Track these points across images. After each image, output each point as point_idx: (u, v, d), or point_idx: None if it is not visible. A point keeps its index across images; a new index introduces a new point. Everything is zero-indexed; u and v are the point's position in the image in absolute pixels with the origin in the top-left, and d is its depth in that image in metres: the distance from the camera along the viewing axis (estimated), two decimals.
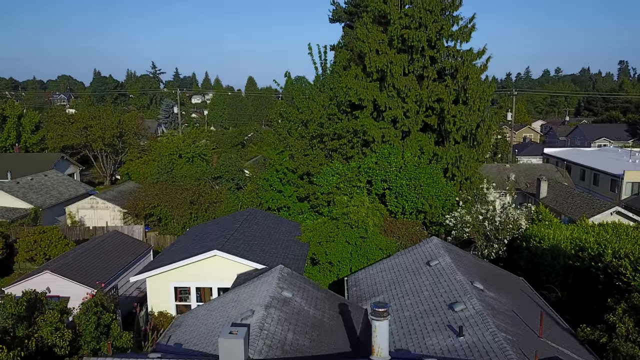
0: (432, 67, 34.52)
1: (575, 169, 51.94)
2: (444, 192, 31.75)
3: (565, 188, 41.25)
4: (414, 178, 31.24)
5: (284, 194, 33.23)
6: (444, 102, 33.62)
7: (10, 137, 58.38)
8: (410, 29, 33.71)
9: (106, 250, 24.95)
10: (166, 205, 34.64)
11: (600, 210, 34.95)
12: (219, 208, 34.61)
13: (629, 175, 43.22)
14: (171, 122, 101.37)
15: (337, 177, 32.81)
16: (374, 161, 32.47)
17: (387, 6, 34.26)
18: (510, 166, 48.97)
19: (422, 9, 33.55)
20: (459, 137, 34.41)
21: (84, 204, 39.04)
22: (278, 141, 36.05)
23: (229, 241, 21.74)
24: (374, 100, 34.73)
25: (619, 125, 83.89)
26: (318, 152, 35.58)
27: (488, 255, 26.61)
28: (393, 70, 34.08)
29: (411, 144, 33.91)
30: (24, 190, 39.09)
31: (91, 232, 34.45)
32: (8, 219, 35.49)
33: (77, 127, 56.43)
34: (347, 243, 24.23)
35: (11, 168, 48.91)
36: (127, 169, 52.88)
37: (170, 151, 52.76)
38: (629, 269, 16.49)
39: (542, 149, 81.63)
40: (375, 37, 35.12)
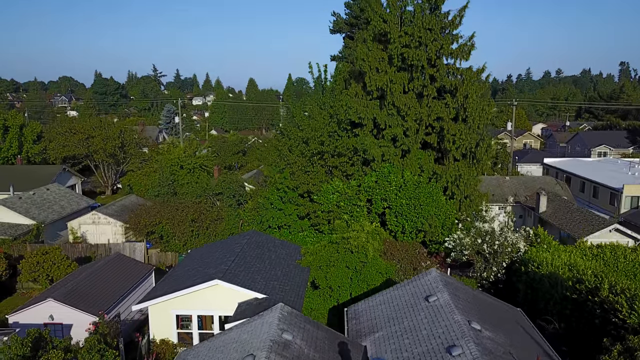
0: (431, 85, 34.69)
1: (575, 181, 52.11)
2: (443, 211, 31.96)
3: (564, 203, 41.43)
4: (413, 197, 31.46)
5: (284, 212, 33.44)
6: (444, 120, 33.82)
7: (13, 147, 58.66)
8: (410, 47, 33.91)
9: (108, 274, 25.18)
10: (167, 222, 34.87)
11: (599, 227, 35.11)
12: (219, 226, 34.86)
13: (628, 189, 43.39)
14: (172, 128, 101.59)
15: (338, 195, 33.06)
16: (374, 180, 32.68)
17: (387, 25, 34.45)
18: (510, 178, 49.14)
19: (422, 28, 33.73)
20: (459, 155, 34.62)
21: (85, 219, 39.28)
22: (279, 158, 36.28)
23: (230, 268, 21.98)
24: (374, 119, 34.94)
25: (619, 132, 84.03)
26: (318, 169, 35.84)
27: (487, 277, 26.82)
28: (393, 88, 34.29)
29: (411, 163, 34.10)
30: (27, 205, 39.34)
31: (93, 250, 34.69)
32: (11, 236, 35.77)
33: (79, 138, 56.70)
34: (347, 268, 24.45)
35: (13, 180, 49.22)
36: (129, 181, 53.12)
37: (172, 162, 53.12)
38: (624, 307, 16.69)
39: (543, 156, 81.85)
40: (376, 56, 35.33)
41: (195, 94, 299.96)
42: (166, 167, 51.31)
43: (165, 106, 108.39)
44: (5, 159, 58.68)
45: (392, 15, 34.83)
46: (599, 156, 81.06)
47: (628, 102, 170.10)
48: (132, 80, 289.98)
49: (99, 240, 39.21)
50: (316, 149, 35.18)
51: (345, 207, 32.60)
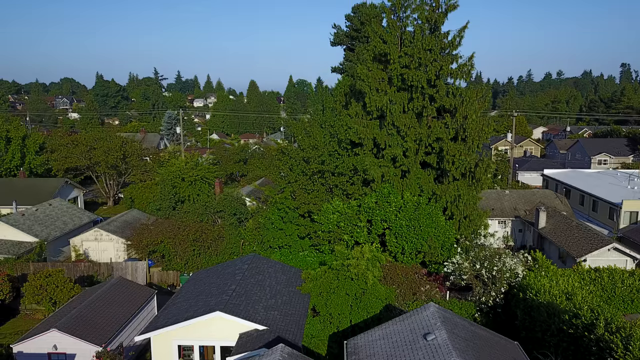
0: (431, 105, 34.93)
1: (575, 194, 52.30)
2: (442, 232, 32.22)
3: (563, 218, 41.62)
4: (413, 219, 31.73)
5: (285, 232, 33.75)
6: (443, 141, 34.05)
7: (15, 159, 59.01)
8: (410, 68, 34.17)
9: (111, 300, 25.46)
10: (169, 242, 35.16)
11: (597, 246, 35.29)
12: (221, 244, 35.13)
13: (627, 204, 43.55)
14: (173, 134, 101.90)
15: (338, 215, 33.35)
16: (374, 201, 32.94)
17: (387, 46, 34.69)
18: (510, 192, 49.34)
19: (422, 49, 33.99)
20: (458, 174, 34.84)
21: (88, 236, 39.58)
22: (280, 178, 36.55)
23: (231, 298, 22.26)
24: (374, 138, 35.21)
25: (619, 140, 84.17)
26: (319, 187, 36.11)
27: (486, 301, 27.06)
28: (392, 109, 34.55)
29: (410, 183, 34.36)
30: (29, 222, 39.65)
31: (95, 269, 34.98)
32: (14, 254, 36.10)
33: (81, 150, 57.02)
34: (347, 295, 24.73)
35: (16, 194, 49.59)
36: (131, 193, 53.40)
37: (173, 175, 53.37)
38: (620, 347, 16.93)
39: (543, 164, 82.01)
40: (375, 76, 35.58)
41: (196, 96, 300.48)
42: (167, 179, 51.61)
43: (167, 112, 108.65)
44: (8, 170, 59.00)
45: (392, 36, 35.08)
46: (599, 164, 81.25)
47: (629, 106, 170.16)
48: (133, 82, 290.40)
49: (101, 257, 39.59)
50: (317, 168, 35.47)
51: (346, 227, 32.91)
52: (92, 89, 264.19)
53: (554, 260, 39.58)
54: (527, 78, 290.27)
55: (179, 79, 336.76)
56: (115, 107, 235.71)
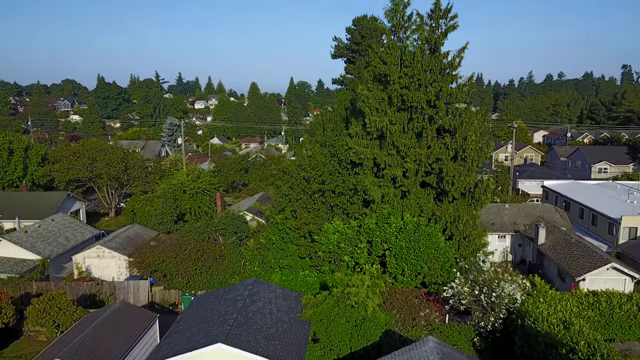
0: (431, 126, 35.16)
1: (574, 207, 52.51)
2: (442, 253, 32.48)
3: (563, 235, 41.84)
4: (413, 240, 31.98)
5: (285, 252, 34.02)
6: (443, 162, 34.26)
7: (17, 170, 59.31)
8: (409, 89, 34.40)
9: (113, 327, 25.72)
10: (171, 261, 35.45)
11: (596, 265, 35.51)
12: (222, 264, 35.40)
13: (627, 220, 43.77)
14: (174, 140, 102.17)
15: (339, 235, 33.63)
16: (374, 222, 33.19)
17: (387, 67, 34.91)
18: (510, 206, 49.54)
19: (422, 70, 34.21)
20: (458, 194, 35.06)
21: (90, 253, 39.89)
22: (280, 197, 36.80)
23: (232, 328, 22.53)
24: (374, 158, 35.44)
25: (619, 148, 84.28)
26: (320, 205, 36.38)
27: (485, 326, 27.30)
28: (392, 130, 34.77)
29: (410, 203, 34.60)
30: (32, 239, 39.95)
31: (97, 288, 35.26)
32: (17, 273, 36.42)
33: (83, 163, 57.34)
34: (347, 322, 24.99)
35: (19, 208, 49.98)
36: (132, 206, 53.69)
37: (174, 187, 53.71)
38: None
39: (543, 172, 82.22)
40: (375, 96, 35.81)
41: (197, 98, 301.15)
42: (169, 192, 51.93)
43: (168, 119, 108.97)
44: (11, 181, 59.31)
45: (392, 57, 35.28)
46: (599, 172, 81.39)
47: (630, 109, 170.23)
48: (134, 84, 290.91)
49: (104, 274, 39.93)
50: (317, 187, 35.74)
51: (346, 248, 33.18)
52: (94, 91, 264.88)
53: (553, 278, 40.01)
54: (528, 80, 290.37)
55: (180, 80, 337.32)
56: (116, 109, 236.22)
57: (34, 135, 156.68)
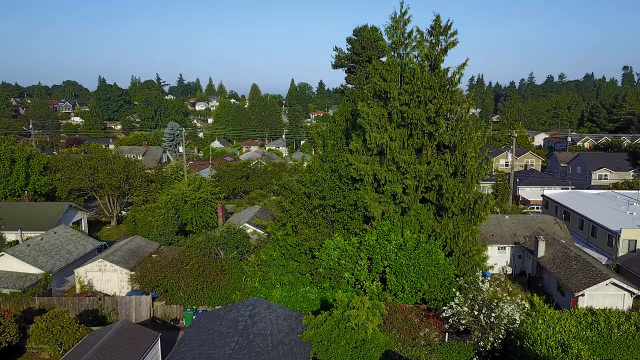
0: (430, 142, 35.35)
1: (574, 218, 52.68)
2: (442, 270, 32.70)
3: (562, 248, 42.00)
4: (413, 257, 32.20)
5: (286, 269, 34.25)
6: (443, 178, 34.46)
7: (20, 179, 59.54)
8: (409, 106, 34.61)
9: (116, 347, 25.95)
10: (172, 276, 35.68)
11: (595, 280, 35.67)
12: (223, 279, 35.63)
13: (626, 233, 43.95)
14: (175, 146, 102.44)
15: (339, 252, 33.85)
16: (374, 239, 33.40)
17: (387, 84, 35.10)
18: (510, 217, 49.70)
19: (422, 87, 34.41)
20: (458, 210, 35.25)
21: (92, 266, 40.10)
22: (281, 212, 37.02)
23: (234, 352, 22.79)
24: (374, 174, 35.65)
25: (619, 154, 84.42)
26: (320, 220, 36.61)
27: (484, 346, 27.51)
28: (392, 146, 34.96)
29: (410, 220, 34.80)
30: (35, 253, 40.19)
31: (99, 303, 35.49)
32: (20, 288, 36.65)
33: (85, 173, 57.62)
34: (347, 344, 25.22)
35: (21, 219, 50.25)
36: (134, 216, 53.95)
37: (176, 197, 53.98)
38: None
39: (543, 178, 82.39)
40: (376, 112, 36.00)
41: (198, 99, 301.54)
42: (170, 203, 52.18)
43: (169, 124, 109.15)
44: (13, 190, 59.55)
45: (392, 74, 35.48)
46: (599, 179, 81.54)
47: (630, 112, 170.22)
48: (135, 85, 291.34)
49: (105, 287, 40.15)
50: (318, 203, 35.97)
51: (347, 265, 33.39)
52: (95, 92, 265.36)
53: (552, 291, 40.20)
54: (529, 81, 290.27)
55: (181, 81, 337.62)
56: (117, 111, 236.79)
57: (36, 139, 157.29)
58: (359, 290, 33.35)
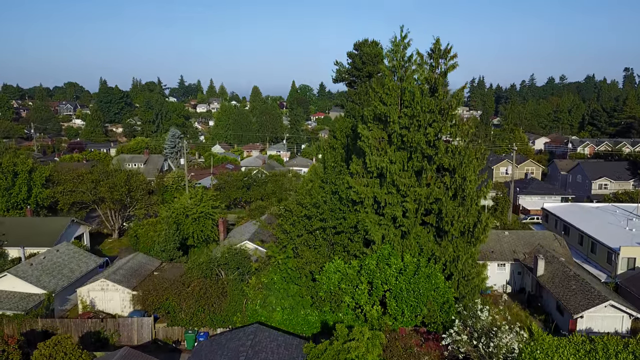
0: (430, 165, 35.55)
1: (574, 233, 52.88)
2: (441, 294, 32.96)
3: (562, 266, 42.22)
4: (413, 282, 32.46)
5: (287, 292, 34.51)
6: (442, 202, 34.68)
7: (22, 192, 59.85)
8: (409, 130, 34.81)
9: None
10: (174, 298, 35.96)
11: (594, 303, 35.96)
12: (224, 301, 35.89)
13: (625, 250, 44.16)
14: (176, 152, 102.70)
15: (340, 275, 34.12)
16: (375, 263, 33.65)
17: (387, 108, 35.32)
18: (509, 233, 49.92)
19: (421, 112, 34.61)
20: (457, 233, 35.50)
21: (94, 286, 40.36)
22: (282, 233, 37.27)
23: None
24: (374, 197, 35.90)
25: (619, 163, 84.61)
26: (321, 241, 36.89)
27: None
28: (392, 169, 35.19)
29: (410, 243, 35.02)
30: (37, 273, 40.50)
31: (102, 325, 35.79)
32: (23, 309, 36.94)
33: (87, 187, 57.92)
34: None
35: (24, 235, 50.54)
36: (136, 231, 54.24)
37: (177, 212, 54.30)
38: None
39: (544, 187, 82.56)
40: (375, 135, 36.23)
41: (199, 101, 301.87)
42: (171, 217, 52.48)
43: (170, 130, 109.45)
44: (15, 203, 59.86)
45: (392, 97, 35.69)
46: (599, 188, 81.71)
47: (631, 115, 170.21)
48: (136, 87, 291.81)
49: (107, 306, 40.42)
50: (318, 225, 36.25)
51: (347, 288, 33.66)
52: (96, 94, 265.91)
53: (552, 311, 40.44)
54: (530, 82, 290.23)
55: (182, 83, 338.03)
56: (118, 113, 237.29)
57: (37, 143, 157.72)
58: (359, 314, 33.65)
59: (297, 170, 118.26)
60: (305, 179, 38.76)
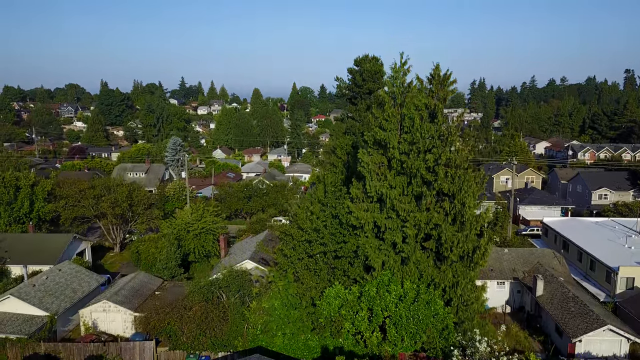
0: (429, 191, 35.77)
1: (573, 249, 53.10)
2: (440, 321, 33.23)
3: (561, 287, 42.48)
4: (413, 309, 32.74)
5: (288, 318, 34.80)
6: (442, 228, 34.91)
7: (24, 207, 60.15)
8: (409, 156, 35.05)
9: None
10: (175, 323, 36.27)
11: (593, 327, 36.21)
12: (225, 325, 36.18)
13: (624, 270, 44.35)
14: (177, 160, 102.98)
15: (340, 301, 34.41)
16: (375, 290, 33.92)
17: (386, 134, 35.55)
18: (509, 251, 50.18)
19: (421, 138, 34.85)
20: (456, 257, 35.72)
21: (97, 307, 40.70)
22: (283, 257, 37.55)
23: None
24: (374, 221, 36.15)
25: (619, 173, 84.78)
26: (322, 265, 37.18)
27: None
28: (392, 195, 35.44)
29: (410, 269, 35.26)
30: (40, 294, 40.82)
31: (104, 349, 36.12)
32: (26, 332, 37.27)
33: (89, 203, 58.26)
34: None
35: (26, 251, 50.87)
36: (137, 247, 54.58)
37: (179, 227, 54.64)
38: None
39: (544, 197, 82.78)
40: (375, 160, 36.46)
41: (200, 103, 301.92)
42: (173, 233, 52.80)
43: (171, 139, 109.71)
44: (18, 218, 60.17)
45: (391, 123, 35.91)
46: (599, 198, 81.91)
47: (632, 119, 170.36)
48: (137, 89, 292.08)
49: (109, 327, 40.77)
50: (319, 249, 36.54)
51: (347, 314, 33.94)
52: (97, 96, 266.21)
53: (550, 332, 40.71)
54: (530, 84, 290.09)
55: (182, 85, 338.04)
56: (119, 115, 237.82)
57: (39, 147, 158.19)
58: (359, 340, 33.94)
59: (298, 177, 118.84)
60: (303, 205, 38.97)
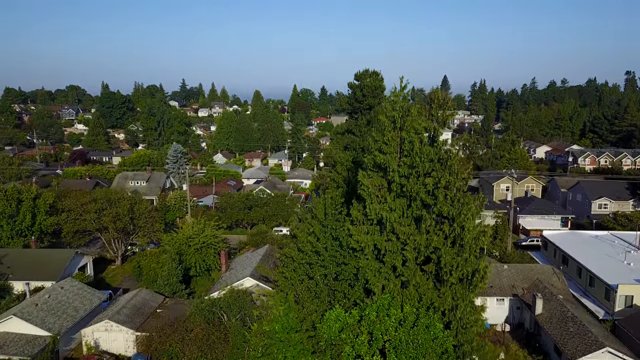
0: (429, 214, 36.02)
1: (572, 264, 53.31)
2: (439, 345, 33.46)
3: (560, 306, 42.73)
4: (412, 334, 32.98)
5: (289, 342, 35.04)
6: (441, 252, 35.16)
7: (26, 220, 60.42)
8: (408, 180, 35.29)
9: None
10: (177, 345, 36.57)
11: (591, 349, 36.50)
12: (226, 347, 36.48)
13: (623, 288, 44.58)
14: (179, 168, 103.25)
15: (340, 324, 34.67)
16: (375, 314, 34.17)
17: (386, 157, 35.78)
18: (508, 267, 50.41)
19: (420, 162, 35.08)
20: (456, 280, 35.98)
21: (98, 327, 41.00)
22: (284, 280, 37.84)
23: None
24: (374, 244, 36.41)
25: (619, 183, 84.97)
26: (322, 287, 37.47)
27: None
28: (391, 218, 35.69)
29: (410, 292, 35.51)
30: (42, 314, 41.11)
31: None
32: (29, 354, 37.54)
33: (91, 217, 58.58)
34: None
35: (28, 267, 51.21)
36: (139, 262, 54.88)
37: (180, 242, 54.96)
38: None
39: (544, 206, 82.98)
40: (375, 183, 36.71)
41: (201, 105, 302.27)
42: (174, 249, 53.09)
43: (172, 145, 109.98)
44: (20, 231, 60.44)
45: (391, 147, 36.13)
46: (599, 208, 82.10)
47: (632, 123, 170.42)
48: (138, 91, 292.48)
49: (111, 347, 41.13)
50: (319, 272, 36.82)
51: (347, 338, 34.19)
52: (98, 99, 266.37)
53: (549, 351, 41.02)
54: (531, 86, 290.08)
55: (183, 86, 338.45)
56: (120, 118, 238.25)
57: (40, 151, 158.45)
58: None
59: (299, 183, 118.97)
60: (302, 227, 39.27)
